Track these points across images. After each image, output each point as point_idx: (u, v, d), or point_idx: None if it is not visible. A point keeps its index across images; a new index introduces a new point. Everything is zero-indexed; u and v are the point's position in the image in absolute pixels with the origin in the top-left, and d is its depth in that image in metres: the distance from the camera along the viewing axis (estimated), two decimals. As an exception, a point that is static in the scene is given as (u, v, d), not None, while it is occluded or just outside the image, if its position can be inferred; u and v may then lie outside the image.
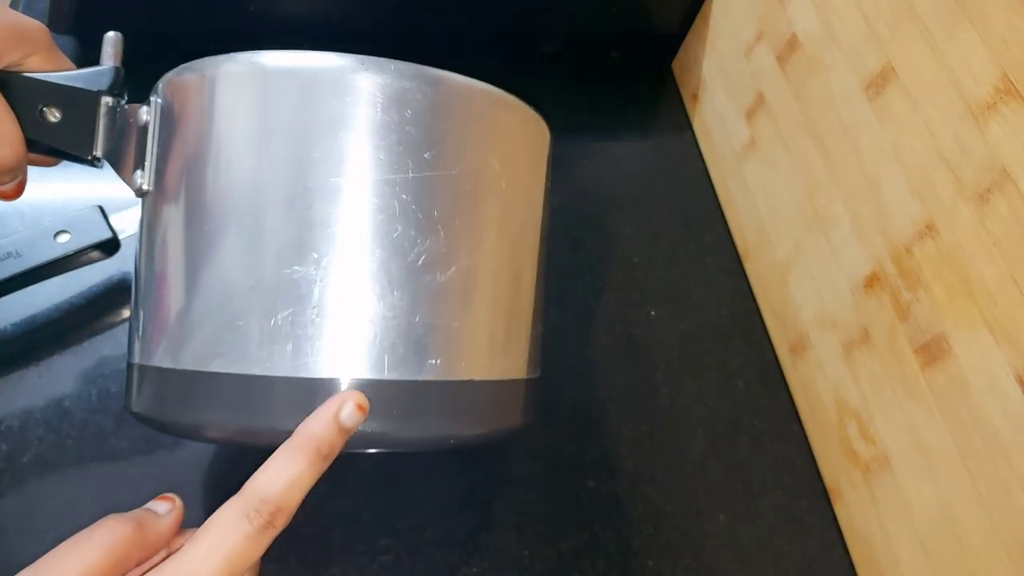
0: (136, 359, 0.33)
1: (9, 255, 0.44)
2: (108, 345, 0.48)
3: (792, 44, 0.52)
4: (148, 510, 0.30)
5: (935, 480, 0.40)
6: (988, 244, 0.36)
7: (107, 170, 0.56)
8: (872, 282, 0.45)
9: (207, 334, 0.30)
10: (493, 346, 0.34)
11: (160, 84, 0.35)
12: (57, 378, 0.47)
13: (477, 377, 0.32)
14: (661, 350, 0.55)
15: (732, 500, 0.49)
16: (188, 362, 0.31)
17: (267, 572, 0.44)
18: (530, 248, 0.37)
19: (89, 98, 0.35)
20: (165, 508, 0.31)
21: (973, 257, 0.37)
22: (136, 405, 0.33)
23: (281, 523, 0.28)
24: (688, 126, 0.68)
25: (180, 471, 0.45)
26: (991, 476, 0.37)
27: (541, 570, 0.45)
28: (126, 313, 0.50)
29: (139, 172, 0.34)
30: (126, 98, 0.36)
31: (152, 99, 0.35)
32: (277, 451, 0.29)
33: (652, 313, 0.56)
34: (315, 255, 0.30)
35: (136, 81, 0.37)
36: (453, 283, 0.32)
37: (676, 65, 0.71)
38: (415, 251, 0.31)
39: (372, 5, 0.62)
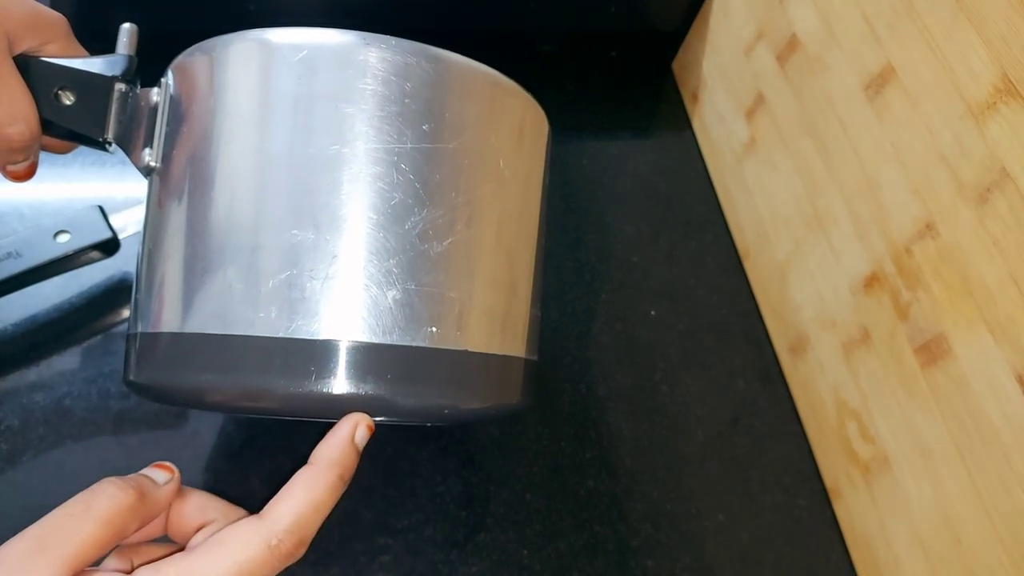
0: (136, 328, 0.34)
1: (9, 255, 0.45)
2: (108, 345, 0.48)
3: (792, 44, 0.52)
4: (147, 477, 0.29)
5: (935, 480, 0.40)
6: (988, 244, 0.36)
7: (107, 169, 0.56)
8: (872, 282, 0.45)
9: (207, 297, 0.31)
10: (490, 320, 0.34)
11: (170, 67, 0.36)
12: (57, 378, 0.47)
13: (473, 348, 0.33)
14: (661, 349, 0.55)
15: (731, 499, 0.49)
16: (187, 325, 0.31)
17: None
18: (528, 229, 0.37)
19: (103, 83, 0.36)
20: (164, 477, 0.30)
21: (973, 257, 0.37)
22: (135, 374, 0.33)
23: (300, 553, 0.28)
24: (688, 125, 0.68)
25: (181, 471, 0.45)
26: (991, 476, 0.37)
27: (540, 569, 0.45)
28: (126, 313, 0.50)
29: (147, 150, 0.35)
30: (139, 85, 0.37)
31: (162, 81, 0.36)
32: (296, 476, 0.28)
33: (652, 312, 0.56)
34: (314, 220, 0.30)
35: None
36: (450, 253, 0.32)
37: (676, 64, 0.71)
38: (412, 220, 0.31)
39: (370, 5, 0.62)
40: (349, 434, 0.30)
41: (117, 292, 0.51)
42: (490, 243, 0.34)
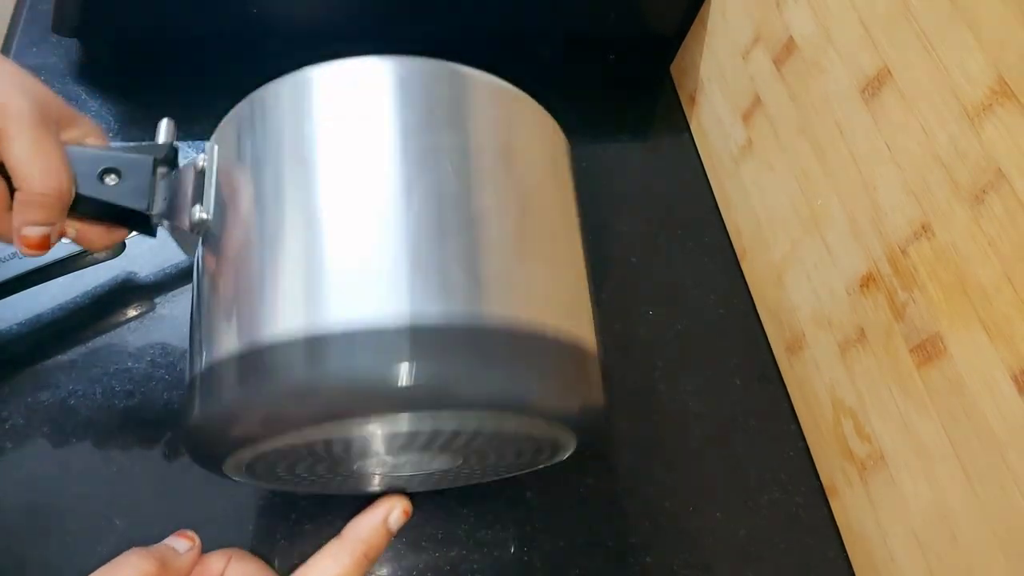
0: (197, 368, 0.32)
1: (14, 255, 0.45)
2: (112, 344, 0.49)
3: (789, 47, 0.52)
4: (169, 547, 0.30)
5: (931, 478, 0.41)
6: (983, 244, 0.37)
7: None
8: (868, 282, 0.45)
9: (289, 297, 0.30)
10: (558, 302, 0.34)
11: (215, 131, 0.37)
12: (62, 377, 0.47)
13: (548, 329, 0.32)
14: (659, 349, 0.55)
15: (729, 497, 0.49)
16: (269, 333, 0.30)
17: (271, 569, 0.44)
18: (570, 223, 0.39)
19: (146, 161, 0.38)
20: (185, 546, 0.31)
21: (968, 257, 0.38)
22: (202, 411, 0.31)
23: None
24: (686, 128, 0.68)
25: (183, 472, 0.45)
26: (986, 474, 0.37)
27: (541, 566, 0.45)
28: (130, 313, 0.50)
29: (197, 207, 0.35)
30: (179, 167, 0.39)
31: (207, 145, 0.37)
32: (325, 548, 0.29)
33: (650, 313, 0.57)
34: (376, 216, 0.31)
35: (144, 86, 0.37)
36: (507, 237, 0.33)
37: (674, 68, 0.72)
38: (467, 206, 0.32)
39: (372, 7, 0.62)
40: (383, 515, 0.31)
41: (121, 292, 0.51)
42: (549, 233, 0.36)
